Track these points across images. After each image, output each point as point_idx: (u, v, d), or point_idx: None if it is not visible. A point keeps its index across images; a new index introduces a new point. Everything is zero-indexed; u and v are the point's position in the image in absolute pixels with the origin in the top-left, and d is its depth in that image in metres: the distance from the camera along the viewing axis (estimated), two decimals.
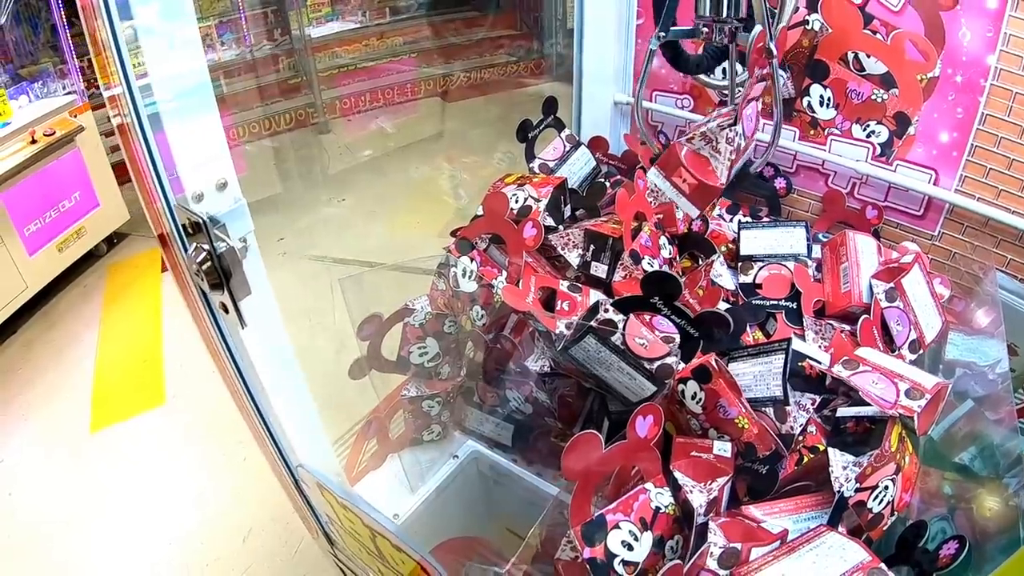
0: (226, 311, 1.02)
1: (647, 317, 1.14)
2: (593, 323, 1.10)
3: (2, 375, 3.66)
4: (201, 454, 3.09)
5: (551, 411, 1.37)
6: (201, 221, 0.92)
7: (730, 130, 1.29)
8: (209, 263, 0.95)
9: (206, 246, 0.95)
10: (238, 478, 2.92)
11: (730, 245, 1.49)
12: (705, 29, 1.33)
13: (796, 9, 1.43)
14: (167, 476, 3.02)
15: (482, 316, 1.32)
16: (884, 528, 1.01)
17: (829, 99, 1.48)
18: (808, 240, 1.43)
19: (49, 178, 3.87)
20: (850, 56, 1.42)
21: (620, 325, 1.10)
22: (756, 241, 1.45)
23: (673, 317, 1.15)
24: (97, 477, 3.05)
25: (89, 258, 4.39)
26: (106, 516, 2.88)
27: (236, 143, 5.15)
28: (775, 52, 1.32)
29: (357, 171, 5.22)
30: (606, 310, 1.12)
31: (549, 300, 1.20)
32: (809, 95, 1.50)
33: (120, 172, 4.38)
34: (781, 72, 1.51)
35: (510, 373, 1.38)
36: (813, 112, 1.51)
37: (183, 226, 0.96)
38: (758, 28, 1.29)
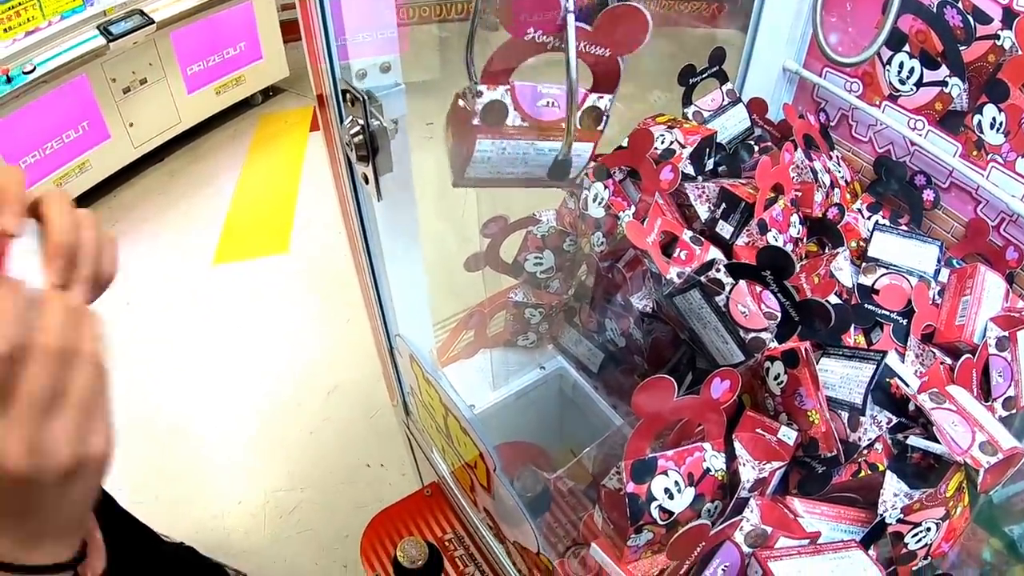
0: (366, 182, 1.09)
1: (757, 289, 1.14)
2: (703, 278, 1.12)
3: (145, 195, 3.95)
4: (309, 307, 3.27)
5: (642, 351, 1.39)
6: (361, 97, 0.98)
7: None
8: (360, 137, 1.01)
9: (361, 120, 1.01)
10: (337, 338, 3.09)
11: (860, 243, 1.45)
12: None
13: None
14: (273, 319, 3.23)
15: (602, 243, 1.34)
16: (913, 568, 1.00)
17: (1001, 124, 1.37)
18: (939, 261, 1.37)
19: (219, 25, 4.05)
20: None
21: (727, 288, 1.11)
22: (887, 246, 1.40)
23: (779, 295, 1.15)
24: (210, 305, 3.30)
25: (243, 106, 4.60)
26: (209, 341, 3.13)
27: (404, 23, 5.19)
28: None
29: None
30: (718, 270, 1.12)
31: (668, 245, 1.21)
32: (981, 114, 1.39)
33: (287, 30, 4.51)
34: (961, 82, 1.42)
35: (614, 304, 1.40)
36: (981, 132, 1.41)
37: (343, 94, 1.02)
38: None
